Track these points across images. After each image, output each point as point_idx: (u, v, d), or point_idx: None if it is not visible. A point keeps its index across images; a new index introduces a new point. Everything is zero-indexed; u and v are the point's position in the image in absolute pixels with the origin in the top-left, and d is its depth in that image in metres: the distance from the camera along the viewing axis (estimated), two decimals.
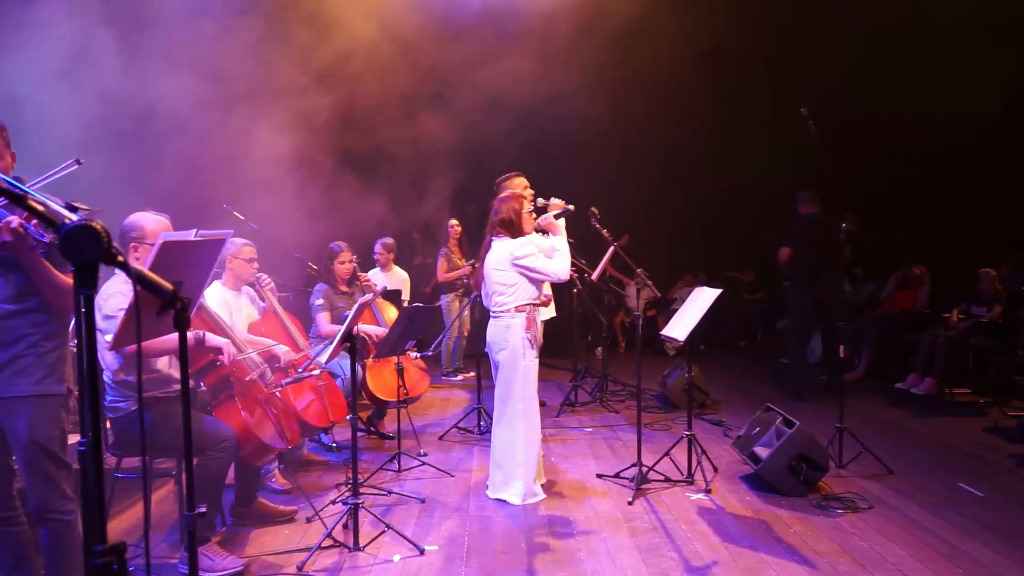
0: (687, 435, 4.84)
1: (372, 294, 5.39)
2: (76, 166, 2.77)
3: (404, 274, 7.87)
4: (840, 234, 5.09)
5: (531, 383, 4.48)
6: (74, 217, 1.37)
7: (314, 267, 6.30)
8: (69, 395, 2.98)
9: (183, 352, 2.32)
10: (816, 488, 4.61)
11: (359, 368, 5.58)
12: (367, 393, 5.65)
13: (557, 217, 4.60)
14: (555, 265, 4.45)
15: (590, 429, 6.28)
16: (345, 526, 3.90)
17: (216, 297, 4.75)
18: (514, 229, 4.53)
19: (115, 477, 3.76)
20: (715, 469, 5.01)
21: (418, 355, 5.92)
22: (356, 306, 3.73)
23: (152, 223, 3.69)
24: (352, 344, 3.75)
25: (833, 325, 7.53)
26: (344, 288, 5.94)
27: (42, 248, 2.58)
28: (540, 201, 5.22)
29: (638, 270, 5.25)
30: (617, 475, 4.85)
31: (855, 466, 5.04)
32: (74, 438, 3.98)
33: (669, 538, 3.91)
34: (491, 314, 4.56)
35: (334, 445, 5.66)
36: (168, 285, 1.65)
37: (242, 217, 6.04)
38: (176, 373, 3.72)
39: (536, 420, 4.51)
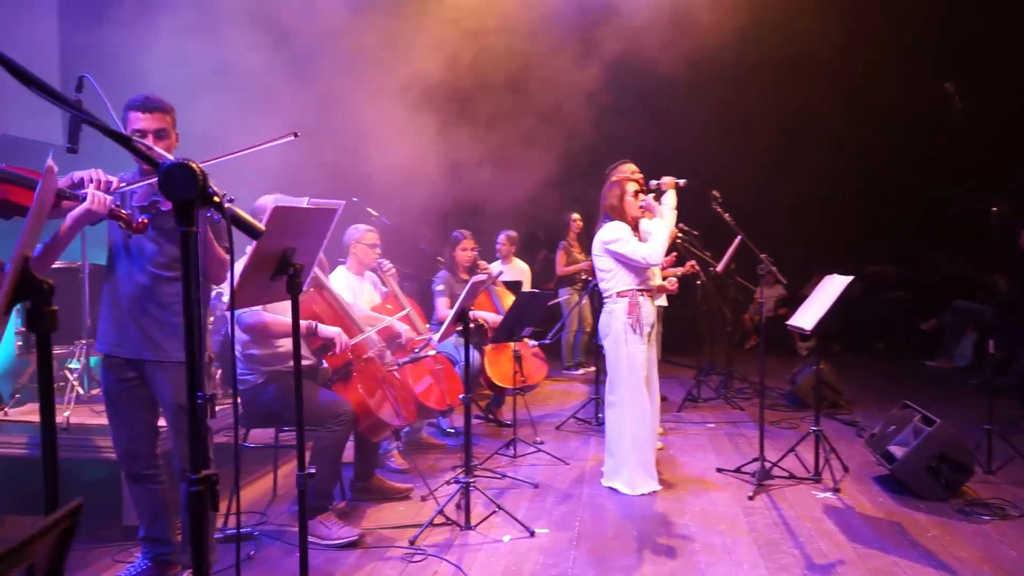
0: (813, 431, 4.59)
1: (487, 275, 5.39)
2: (293, 137, 2.86)
3: (524, 266, 7.88)
4: (989, 219, 4.68)
5: (636, 370, 4.36)
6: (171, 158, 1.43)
7: (441, 259, 6.37)
8: (210, 362, 3.14)
9: (295, 316, 2.40)
10: (959, 493, 4.26)
11: (476, 354, 5.63)
12: (484, 379, 5.69)
13: (656, 199, 4.48)
14: (643, 249, 4.33)
15: (712, 425, 6.08)
16: (458, 506, 3.94)
17: (340, 281, 4.92)
18: (620, 213, 4.44)
19: (244, 447, 3.95)
20: (845, 468, 4.72)
21: (535, 343, 5.93)
22: (468, 285, 3.75)
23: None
24: (465, 325, 3.78)
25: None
26: (465, 276, 6.00)
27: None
28: (653, 183, 5.11)
29: (762, 256, 5.02)
30: (738, 470, 4.66)
31: (1006, 473, 4.63)
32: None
33: (791, 535, 3.71)
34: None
35: (452, 430, 5.74)
36: (260, 226, 1.68)
37: (375, 213, 6.28)
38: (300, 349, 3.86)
39: (644, 408, 4.39)
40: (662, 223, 4.54)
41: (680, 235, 6.74)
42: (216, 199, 1.45)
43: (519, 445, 5.18)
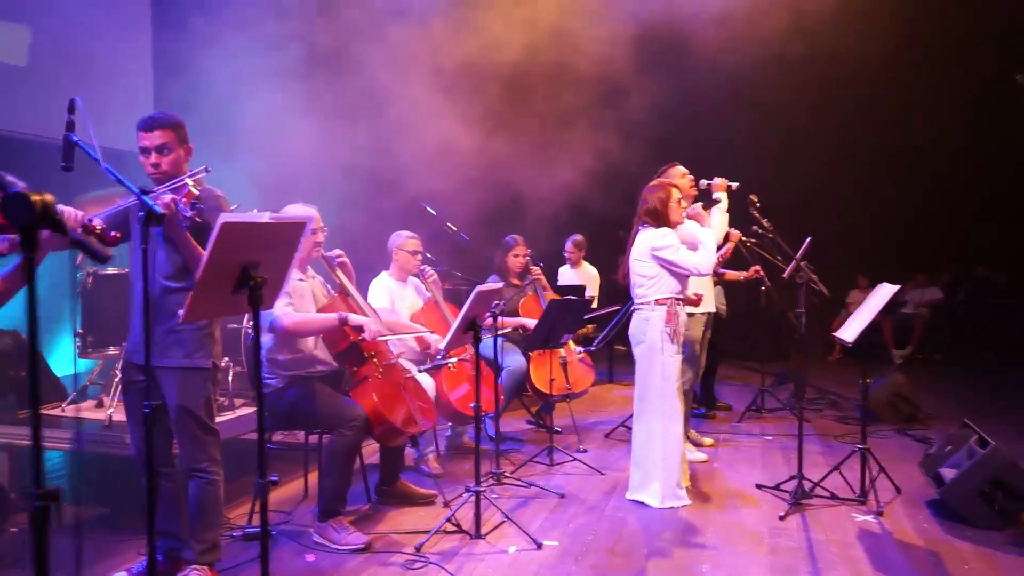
0: (859, 449, 4.33)
1: (499, 284, 5.24)
2: (205, 173, 3.02)
3: (593, 271, 7.77)
4: None
5: (671, 379, 4.23)
6: (22, 185, 1.50)
7: (535, 269, 6.28)
8: (216, 369, 3.28)
9: (256, 329, 2.47)
10: (1017, 522, 3.91)
11: (523, 360, 5.62)
12: (529, 385, 5.67)
13: (706, 204, 4.33)
14: (695, 259, 4.19)
15: (770, 437, 5.83)
16: (477, 514, 3.95)
17: (382, 286, 5.04)
18: (661, 218, 4.32)
19: (269, 447, 4.09)
20: (898, 490, 4.43)
21: (582, 350, 5.86)
22: (474, 293, 3.74)
23: (302, 213, 3.99)
24: (476, 332, 3.79)
25: None
26: (516, 281, 6.00)
27: (186, 223, 2.85)
28: (703, 183, 4.96)
29: (802, 263, 4.77)
30: (777, 487, 4.45)
31: None
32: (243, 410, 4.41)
33: (812, 560, 3.51)
34: (633, 306, 4.39)
35: (499, 435, 5.74)
36: (107, 252, 1.74)
37: (454, 228, 6.41)
38: (321, 354, 3.98)
39: (677, 418, 4.26)
40: (710, 232, 4.41)
41: (745, 239, 6.50)
42: (56, 222, 1.48)
43: (556, 453, 5.13)
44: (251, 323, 3.86)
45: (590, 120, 7.67)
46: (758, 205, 4.91)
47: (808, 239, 6.30)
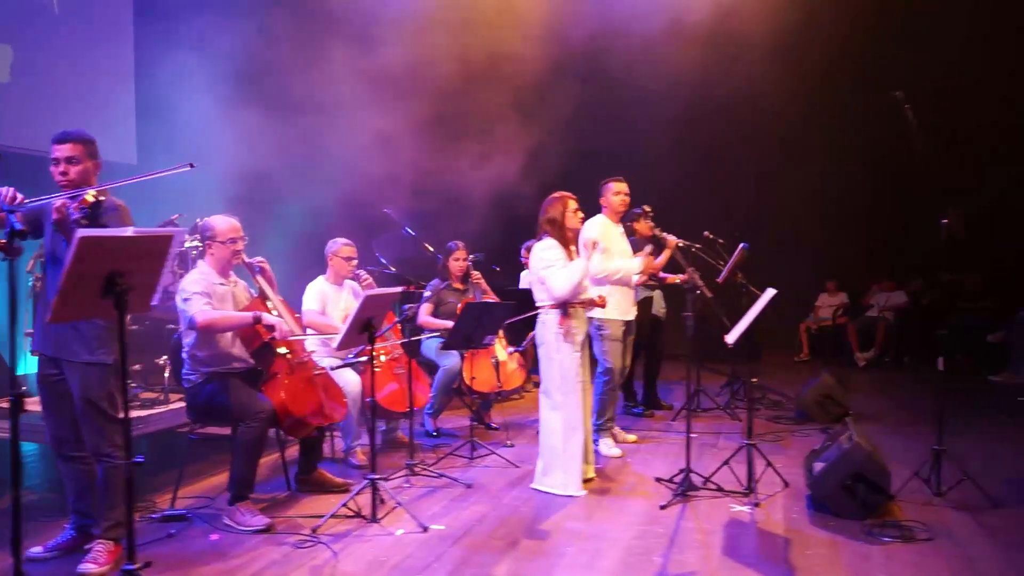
0: (746, 445, 4.60)
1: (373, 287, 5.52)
2: (189, 168, 3.36)
3: None
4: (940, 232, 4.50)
5: (568, 377, 4.55)
6: None
7: (476, 274, 6.61)
8: (117, 364, 3.63)
9: (122, 328, 2.83)
10: (884, 512, 4.17)
11: (457, 358, 5.95)
12: (463, 384, 6.00)
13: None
14: (557, 283, 4.55)
15: (695, 435, 6.07)
16: (383, 500, 4.29)
17: (316, 289, 5.41)
18: (559, 227, 4.64)
19: (190, 439, 4.47)
20: (785, 484, 4.69)
21: (513, 350, 6.17)
22: (363, 297, 4.08)
23: (222, 223, 4.37)
24: (371, 332, 4.13)
25: None
26: (458, 285, 6.34)
27: (74, 225, 3.20)
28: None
29: (689, 270, 5.06)
30: (672, 480, 4.73)
31: (959, 495, 4.44)
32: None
33: (670, 545, 3.80)
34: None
35: (435, 432, 6.08)
36: None
37: (395, 217, 6.79)
38: (238, 352, 4.34)
39: (575, 413, 4.56)
40: (582, 262, 4.68)
41: (687, 244, 6.79)
42: None
43: (480, 448, 5.45)
44: (183, 326, 4.26)
45: (548, 131, 8.04)
46: (652, 214, 5.18)
47: (742, 245, 6.61)
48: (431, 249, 7.62)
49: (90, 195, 3.23)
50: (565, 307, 4.56)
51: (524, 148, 7.66)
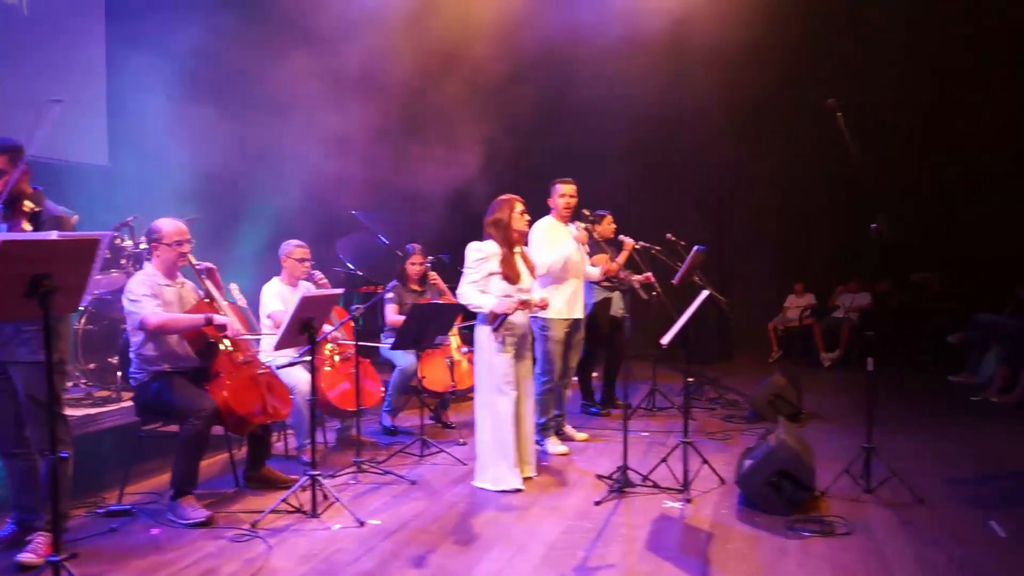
0: (682, 442, 4.73)
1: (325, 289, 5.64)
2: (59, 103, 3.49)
3: None
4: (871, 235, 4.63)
5: (498, 377, 4.66)
6: None
7: (433, 275, 6.73)
8: (62, 363, 3.75)
9: (47, 328, 2.95)
10: (811, 508, 4.30)
11: (412, 358, 6.06)
12: (419, 383, 6.11)
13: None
14: (470, 294, 4.74)
15: (647, 434, 6.21)
16: (325, 496, 4.41)
17: (272, 290, 5.51)
18: (502, 229, 4.75)
19: (138, 436, 4.58)
20: (722, 481, 4.82)
21: (467, 349, 6.29)
22: (299, 299, 4.20)
23: (169, 226, 4.47)
24: (311, 333, 4.24)
25: None
26: (415, 287, 6.45)
27: None
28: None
29: (622, 273, 5.19)
30: (611, 476, 4.84)
31: (888, 492, 4.58)
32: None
33: (596, 539, 3.92)
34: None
35: (393, 430, 6.19)
36: None
37: (362, 218, 6.94)
38: (183, 351, 4.44)
39: (508, 411, 4.67)
40: (491, 300, 4.72)
41: (646, 245, 6.94)
42: None
43: (432, 446, 5.56)
44: (130, 327, 4.37)
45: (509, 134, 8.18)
46: (591, 218, 5.29)
47: (696, 248, 6.74)
48: (400, 253, 7.74)
49: (26, 206, 3.35)
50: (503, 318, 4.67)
51: (486, 149, 7.79)
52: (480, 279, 4.69)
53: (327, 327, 5.15)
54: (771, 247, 10.81)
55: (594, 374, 7.21)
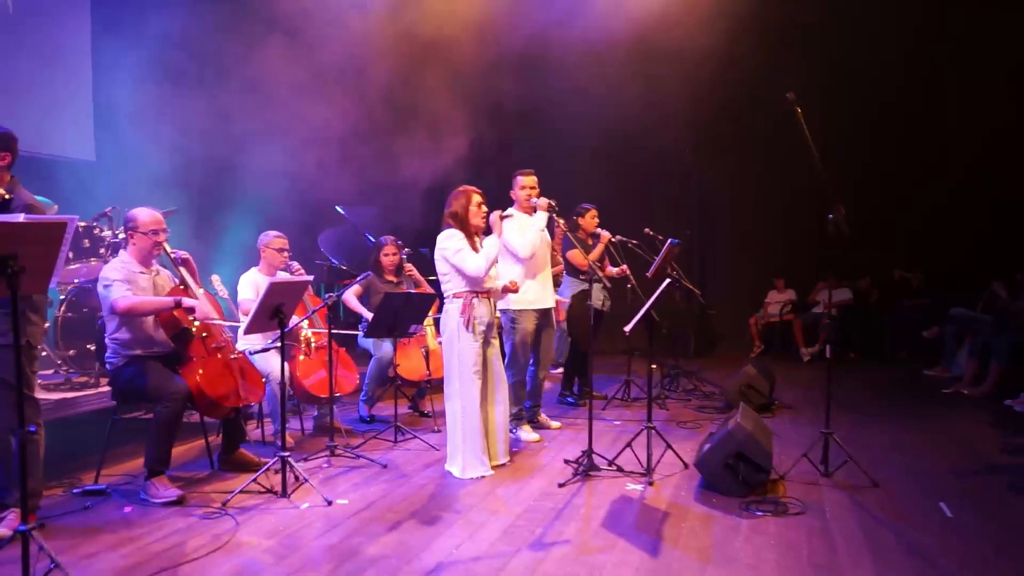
0: (647, 427, 4.85)
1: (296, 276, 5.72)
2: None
3: None
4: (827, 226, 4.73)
5: (467, 364, 4.77)
6: None
7: (408, 266, 6.83)
8: (31, 347, 3.85)
9: (15, 307, 3.06)
10: (768, 490, 4.43)
11: (390, 348, 6.18)
12: (396, 372, 6.22)
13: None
14: (471, 263, 4.74)
15: (619, 423, 6.33)
16: (297, 478, 4.53)
17: (249, 279, 5.63)
18: (461, 221, 4.85)
19: (114, 419, 4.69)
20: (685, 465, 4.94)
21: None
22: (267, 285, 4.31)
23: (145, 215, 4.60)
24: (280, 320, 4.36)
25: None
26: (391, 278, 6.57)
27: None
28: (533, 201, 5.48)
29: (591, 263, 5.30)
30: (576, 460, 4.96)
31: (845, 476, 4.70)
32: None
33: (555, 518, 4.03)
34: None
35: (369, 419, 6.31)
36: None
37: (342, 212, 7.08)
38: (159, 337, 4.56)
39: (474, 398, 4.78)
40: (494, 241, 4.92)
41: (623, 239, 7.07)
42: None
43: (407, 432, 5.68)
44: (105, 312, 4.48)
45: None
46: (557, 208, 5.39)
47: (670, 241, 6.86)
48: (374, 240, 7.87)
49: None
50: (469, 297, 4.77)
51: (466, 143, 7.90)
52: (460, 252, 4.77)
53: (295, 318, 5.24)
54: (752, 243, 10.93)
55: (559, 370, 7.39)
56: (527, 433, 5.71)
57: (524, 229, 5.41)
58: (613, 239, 6.92)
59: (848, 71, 9.68)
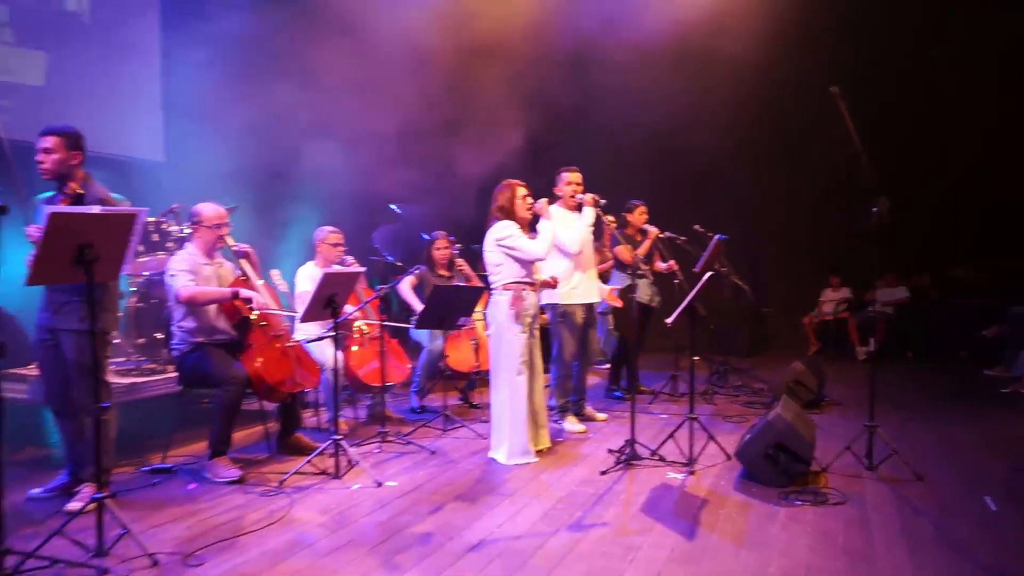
0: (688, 419, 4.93)
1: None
2: None
3: None
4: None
5: (515, 355, 4.91)
6: None
7: (460, 261, 7.04)
8: (105, 333, 4.13)
9: (90, 292, 3.32)
10: (809, 482, 4.46)
11: (440, 341, 6.37)
12: (446, 364, 6.41)
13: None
14: (532, 246, 4.89)
15: (665, 416, 6.40)
16: (349, 461, 4.74)
17: (306, 272, 5.88)
18: (507, 213, 5.01)
19: (179, 403, 4.98)
20: (728, 456, 4.99)
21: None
22: (322, 275, 4.52)
23: (209, 210, 4.87)
24: (334, 309, 4.57)
25: None
26: (443, 272, 6.76)
27: None
28: (578, 197, 5.62)
29: (635, 258, 5.38)
30: (619, 450, 5.06)
31: (889, 470, 4.70)
32: None
33: (595, 503, 4.15)
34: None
35: (420, 409, 6.50)
36: None
37: (397, 211, 7.37)
38: (221, 325, 4.83)
39: (521, 388, 4.92)
40: (549, 225, 5.07)
41: (671, 235, 7.16)
42: None
43: (456, 422, 5.87)
44: (171, 301, 4.77)
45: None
46: (602, 204, 5.49)
47: (717, 237, 6.91)
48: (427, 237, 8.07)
49: (71, 187, 3.78)
50: (518, 288, 4.92)
51: (522, 141, 8.07)
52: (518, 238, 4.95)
53: (348, 307, 5.44)
54: (808, 242, 10.83)
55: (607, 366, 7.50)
56: (572, 424, 5.82)
57: (568, 225, 5.54)
58: (661, 235, 7.00)
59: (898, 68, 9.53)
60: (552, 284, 5.23)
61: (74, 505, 3.92)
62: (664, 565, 3.34)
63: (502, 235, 4.93)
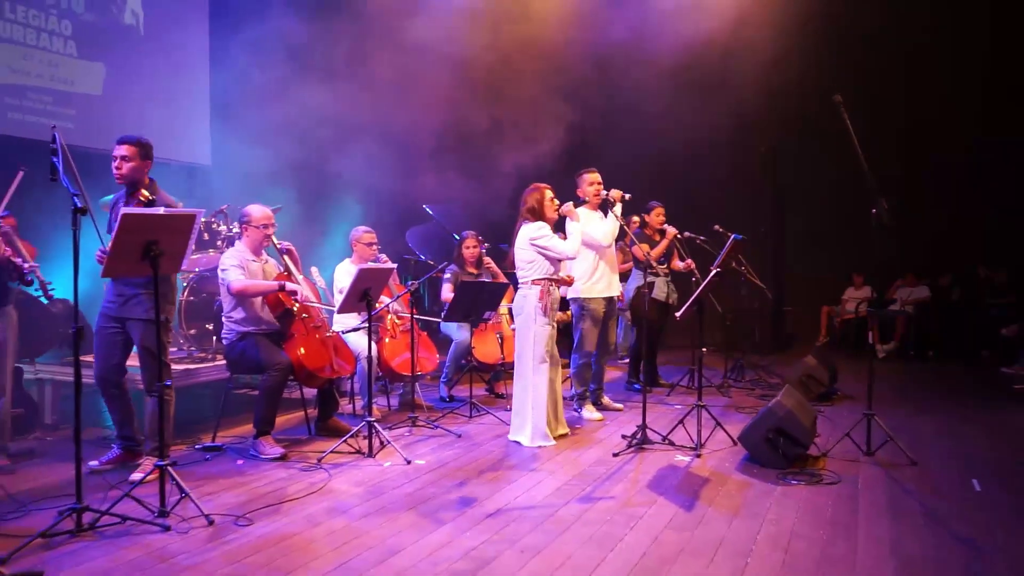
0: (696, 406, 5.27)
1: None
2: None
3: None
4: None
5: (541, 345, 5.29)
6: None
7: (487, 259, 7.45)
8: (167, 322, 4.60)
9: (156, 283, 3.78)
10: (805, 464, 4.78)
11: (468, 335, 6.78)
12: (473, 357, 6.81)
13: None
14: (563, 245, 5.29)
15: (679, 407, 6.72)
16: (382, 442, 5.17)
17: (345, 269, 6.32)
18: (538, 215, 5.39)
19: (228, 388, 5.45)
20: (734, 442, 5.32)
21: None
22: (357, 271, 4.94)
23: (257, 211, 5.33)
24: (368, 302, 5.00)
25: None
26: (472, 270, 7.17)
27: None
28: (603, 193, 5.98)
29: (647, 256, 5.71)
30: (633, 435, 5.41)
31: (887, 456, 5.00)
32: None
33: (604, 480, 4.52)
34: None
35: (448, 398, 6.91)
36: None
37: (431, 211, 7.81)
38: (266, 316, 5.28)
39: (544, 376, 5.30)
40: (578, 226, 5.46)
41: (690, 235, 7.50)
42: None
43: (481, 409, 6.27)
44: (222, 293, 5.23)
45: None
46: (627, 198, 5.85)
47: (733, 236, 7.21)
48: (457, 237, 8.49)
49: (143, 195, 4.25)
50: (547, 284, 5.31)
51: (553, 138, 8.45)
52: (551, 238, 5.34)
53: (385, 298, 5.87)
54: (830, 242, 11.04)
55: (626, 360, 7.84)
56: (590, 412, 6.19)
57: (589, 224, 5.90)
58: (680, 235, 7.33)
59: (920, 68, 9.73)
60: (568, 282, 5.59)
61: (136, 475, 4.39)
62: (662, 531, 3.70)
63: (536, 235, 5.32)
